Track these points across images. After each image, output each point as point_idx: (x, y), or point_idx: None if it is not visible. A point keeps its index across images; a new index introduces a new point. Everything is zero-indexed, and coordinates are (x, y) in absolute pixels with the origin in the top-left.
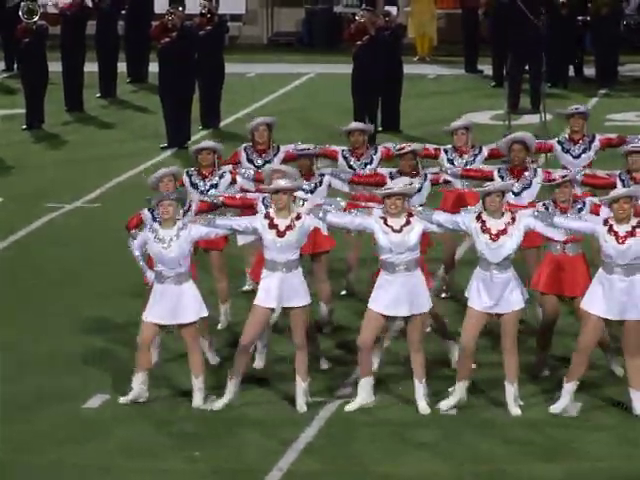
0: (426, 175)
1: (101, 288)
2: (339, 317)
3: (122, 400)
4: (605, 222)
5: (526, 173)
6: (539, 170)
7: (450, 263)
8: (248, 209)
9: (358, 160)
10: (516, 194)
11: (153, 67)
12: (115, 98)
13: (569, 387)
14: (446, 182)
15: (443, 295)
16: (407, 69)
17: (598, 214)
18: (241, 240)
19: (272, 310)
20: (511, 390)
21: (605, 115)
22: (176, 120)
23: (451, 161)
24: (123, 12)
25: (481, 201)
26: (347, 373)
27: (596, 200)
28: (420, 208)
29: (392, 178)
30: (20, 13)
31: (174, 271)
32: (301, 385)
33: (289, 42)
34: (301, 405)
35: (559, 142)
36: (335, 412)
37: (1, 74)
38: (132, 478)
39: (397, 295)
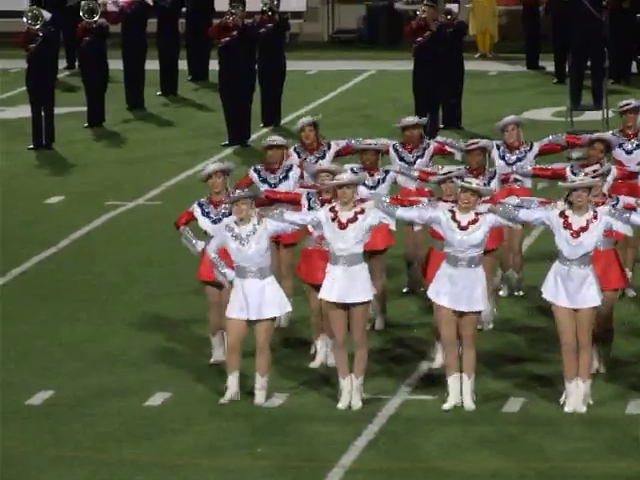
0: (495, 172)
1: (162, 286)
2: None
3: (222, 401)
4: None
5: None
6: (613, 168)
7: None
8: (292, 204)
9: (410, 153)
10: None
11: (214, 65)
12: (176, 96)
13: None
14: (516, 180)
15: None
16: (468, 66)
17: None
18: None
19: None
20: (582, 388)
21: None
22: (237, 118)
23: (503, 157)
24: (184, 10)
25: (565, 196)
26: (408, 371)
27: (630, 200)
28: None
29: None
30: (81, 12)
31: (256, 266)
32: (355, 382)
33: (350, 39)
34: (356, 402)
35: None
36: (397, 409)
37: (63, 72)
38: (195, 477)
39: (456, 289)
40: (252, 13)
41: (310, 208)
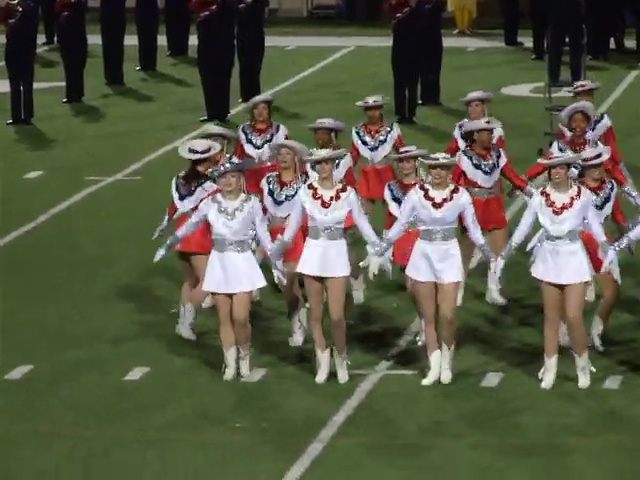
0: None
1: (141, 261)
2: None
3: (225, 378)
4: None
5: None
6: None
7: None
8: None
9: (372, 138)
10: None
11: (193, 40)
12: (155, 71)
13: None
14: None
15: None
16: (447, 42)
17: None
18: None
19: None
20: (579, 361)
21: None
22: (216, 93)
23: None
24: None
25: (546, 173)
26: (386, 345)
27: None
28: None
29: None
30: None
31: (237, 239)
32: (338, 358)
33: (329, 15)
34: (343, 376)
35: None
36: (375, 384)
37: (41, 47)
38: (174, 452)
39: (433, 263)
40: None
41: (271, 192)
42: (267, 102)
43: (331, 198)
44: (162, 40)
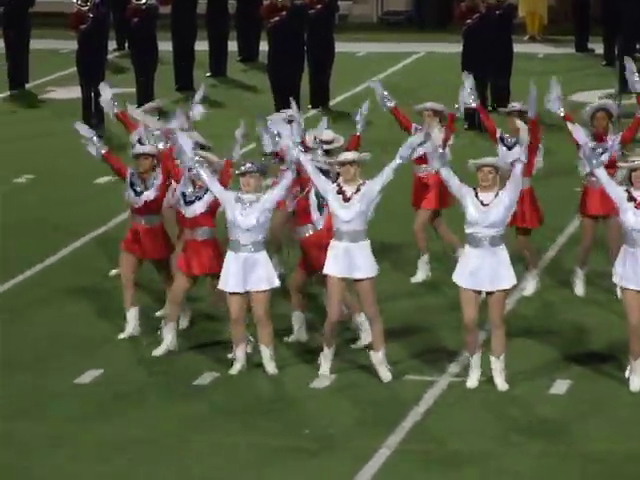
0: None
1: None
2: None
3: (231, 372)
4: None
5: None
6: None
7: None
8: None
9: None
10: None
11: (263, 46)
12: (225, 77)
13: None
14: None
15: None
16: (517, 48)
17: None
18: None
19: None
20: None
21: None
22: (285, 99)
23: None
24: None
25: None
26: (455, 352)
27: None
28: None
29: None
30: None
31: (251, 239)
32: (378, 356)
33: (399, 21)
34: (385, 374)
35: None
36: (444, 391)
37: (112, 53)
38: (240, 455)
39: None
40: None
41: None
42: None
43: (352, 193)
44: (233, 46)
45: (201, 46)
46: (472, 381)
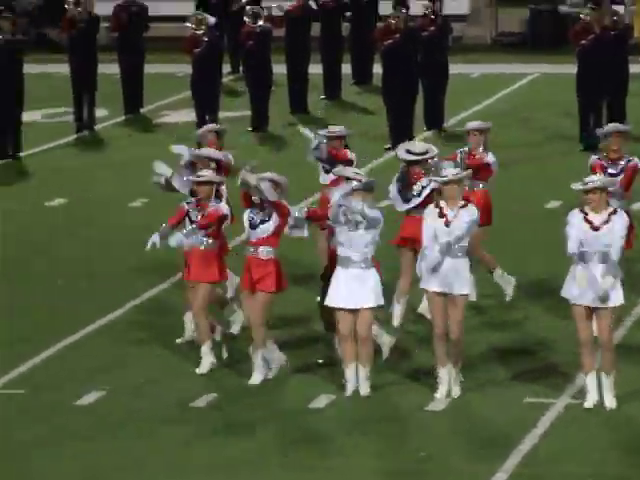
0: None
1: None
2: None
3: (346, 394)
4: None
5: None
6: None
7: None
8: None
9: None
10: None
11: (377, 68)
12: (340, 100)
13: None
14: None
15: None
16: (633, 69)
17: None
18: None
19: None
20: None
21: None
22: (400, 121)
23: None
24: (347, 14)
25: None
26: (569, 373)
27: None
28: None
29: None
30: (245, 17)
31: (361, 256)
32: (451, 372)
33: (513, 42)
34: (456, 392)
35: None
36: (561, 413)
37: (227, 77)
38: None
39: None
40: (415, 16)
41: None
42: (216, 132)
43: (454, 216)
44: (346, 69)
45: (315, 69)
46: (589, 402)
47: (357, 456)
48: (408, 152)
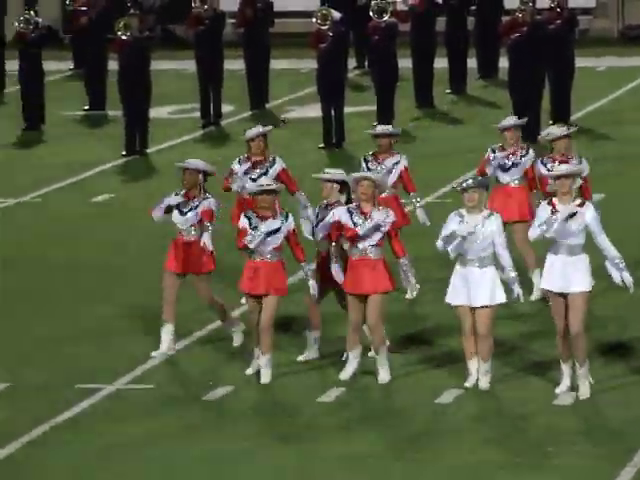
0: None
1: None
2: None
3: (467, 384)
4: None
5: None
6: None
7: None
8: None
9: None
10: None
11: (503, 62)
12: (465, 94)
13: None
14: None
15: None
16: None
17: None
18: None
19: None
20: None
21: None
22: (526, 115)
23: None
24: (473, 8)
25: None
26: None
27: None
28: None
29: None
30: (370, 12)
31: (477, 255)
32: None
33: None
34: (584, 393)
35: None
36: None
37: (352, 71)
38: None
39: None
40: (541, 10)
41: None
42: (264, 135)
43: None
44: (472, 63)
45: (440, 63)
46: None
47: (484, 451)
48: None
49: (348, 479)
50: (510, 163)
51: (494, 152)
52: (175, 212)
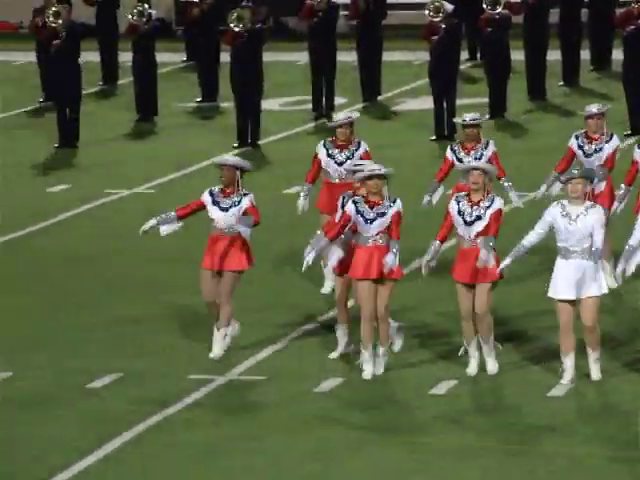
0: None
1: None
2: None
3: (563, 382)
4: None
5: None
6: None
7: None
8: None
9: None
10: None
11: (616, 54)
12: (578, 86)
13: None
14: None
15: None
16: None
17: None
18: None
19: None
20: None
21: None
22: (633, 106)
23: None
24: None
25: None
26: None
27: None
28: None
29: None
30: (483, 3)
31: (581, 246)
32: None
33: None
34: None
35: None
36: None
37: (464, 63)
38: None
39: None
40: None
41: (461, 212)
42: (351, 123)
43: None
44: (585, 54)
45: (553, 55)
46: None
47: (593, 445)
48: None
49: (460, 472)
50: (593, 149)
51: (577, 139)
52: (214, 209)
